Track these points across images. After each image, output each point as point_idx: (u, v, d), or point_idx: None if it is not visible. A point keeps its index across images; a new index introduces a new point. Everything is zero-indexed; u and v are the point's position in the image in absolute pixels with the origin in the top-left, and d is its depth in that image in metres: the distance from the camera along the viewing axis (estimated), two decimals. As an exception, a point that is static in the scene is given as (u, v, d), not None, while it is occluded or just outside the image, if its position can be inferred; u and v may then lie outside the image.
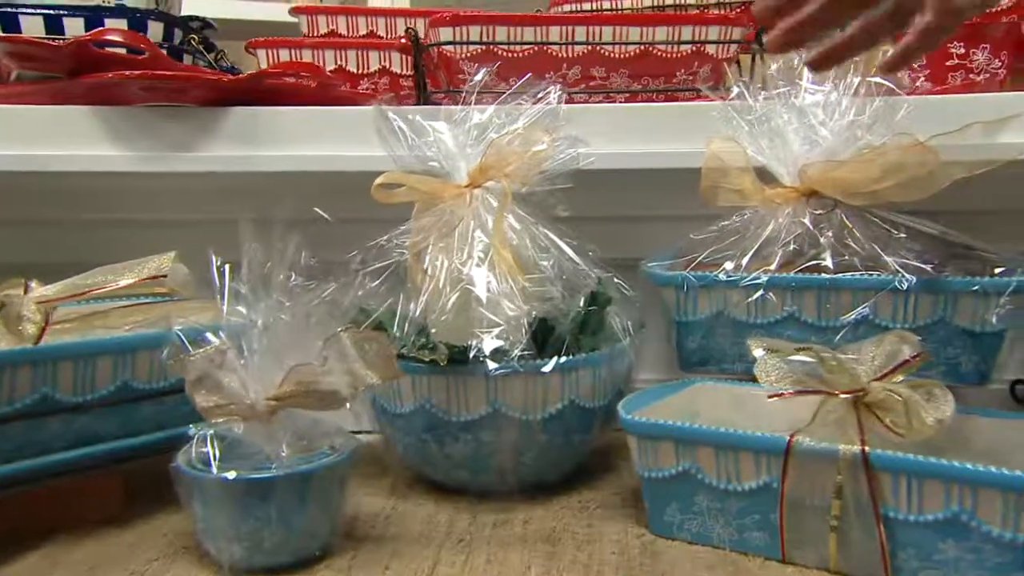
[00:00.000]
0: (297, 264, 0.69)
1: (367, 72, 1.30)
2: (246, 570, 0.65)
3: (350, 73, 1.30)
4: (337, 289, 0.73)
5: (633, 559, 0.67)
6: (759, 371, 0.67)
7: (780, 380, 0.67)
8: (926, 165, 0.78)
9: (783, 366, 0.67)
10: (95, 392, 0.71)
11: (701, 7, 1.30)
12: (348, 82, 1.29)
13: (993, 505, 0.58)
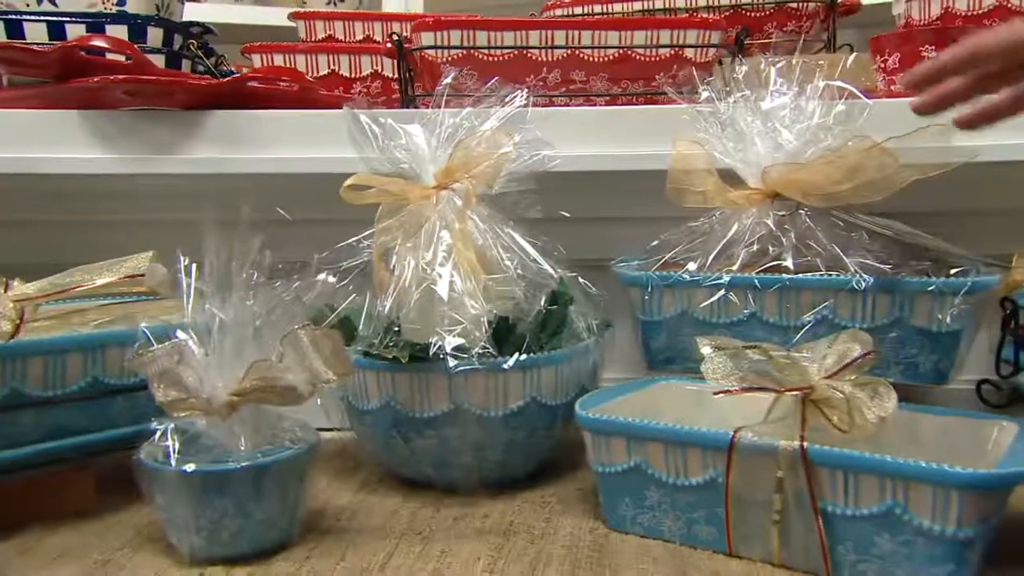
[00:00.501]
0: (260, 263, 0.71)
1: (360, 76, 1.33)
2: (206, 560, 0.67)
3: (343, 77, 1.32)
4: (301, 287, 0.75)
5: (581, 552, 0.68)
6: (706, 369, 0.69)
7: (727, 377, 0.68)
8: (885, 167, 0.79)
9: (730, 364, 0.68)
10: (66, 387, 0.74)
11: (689, 11, 1.32)
12: (341, 86, 1.32)
13: (924, 499, 0.59)
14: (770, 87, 0.87)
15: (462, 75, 1.06)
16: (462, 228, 0.80)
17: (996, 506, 0.59)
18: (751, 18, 1.30)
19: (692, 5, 1.33)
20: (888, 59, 1.01)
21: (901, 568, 0.61)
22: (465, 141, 0.82)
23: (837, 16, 1.33)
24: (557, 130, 0.90)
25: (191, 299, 0.71)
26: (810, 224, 0.84)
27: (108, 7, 1.21)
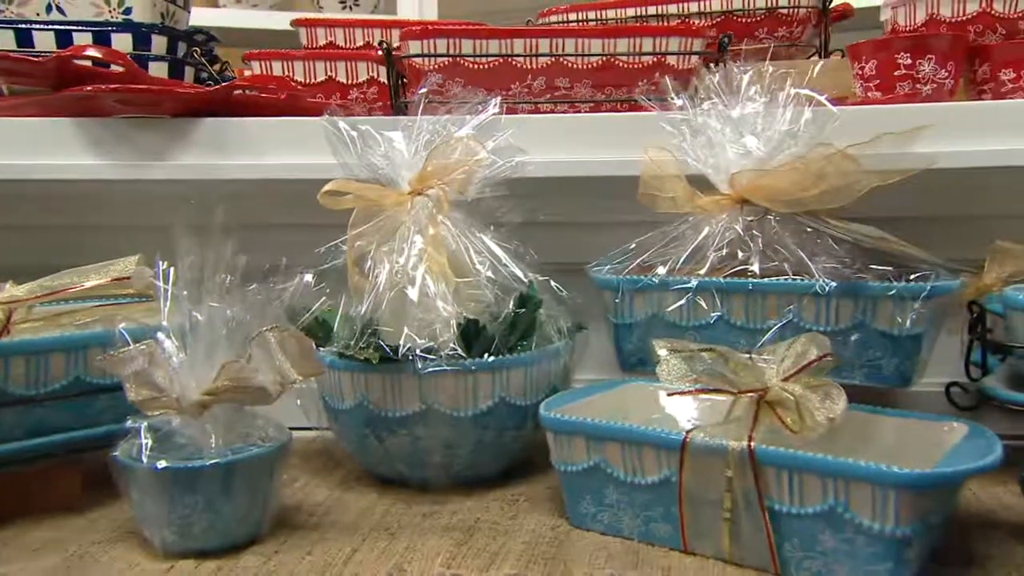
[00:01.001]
0: (234, 267, 0.74)
1: (356, 82, 1.36)
2: (178, 553, 0.70)
3: (340, 83, 1.35)
4: (280, 290, 0.78)
5: (539, 548, 0.70)
6: (661, 371, 0.71)
7: (681, 379, 0.70)
8: (848, 174, 0.81)
9: (684, 366, 0.70)
10: (48, 386, 0.77)
11: (682, 17, 1.34)
12: (338, 92, 1.34)
13: (863, 498, 0.61)
14: (741, 95, 0.88)
15: (449, 82, 1.08)
16: (435, 233, 0.83)
17: (934, 505, 0.61)
18: (742, 24, 1.31)
19: (684, 12, 1.34)
20: (865, 66, 1.03)
21: (844, 565, 0.63)
22: (439, 148, 0.84)
23: (829, 21, 1.35)
24: (534, 137, 0.92)
25: (167, 302, 0.73)
26: (778, 229, 0.86)
27: (114, 16, 1.24)
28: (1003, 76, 1.01)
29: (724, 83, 0.89)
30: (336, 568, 0.68)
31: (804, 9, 1.31)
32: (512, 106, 1.10)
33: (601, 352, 0.95)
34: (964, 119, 0.92)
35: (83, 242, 0.95)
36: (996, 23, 1.11)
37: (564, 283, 0.91)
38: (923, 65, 0.99)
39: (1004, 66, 1.00)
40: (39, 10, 1.21)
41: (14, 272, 0.88)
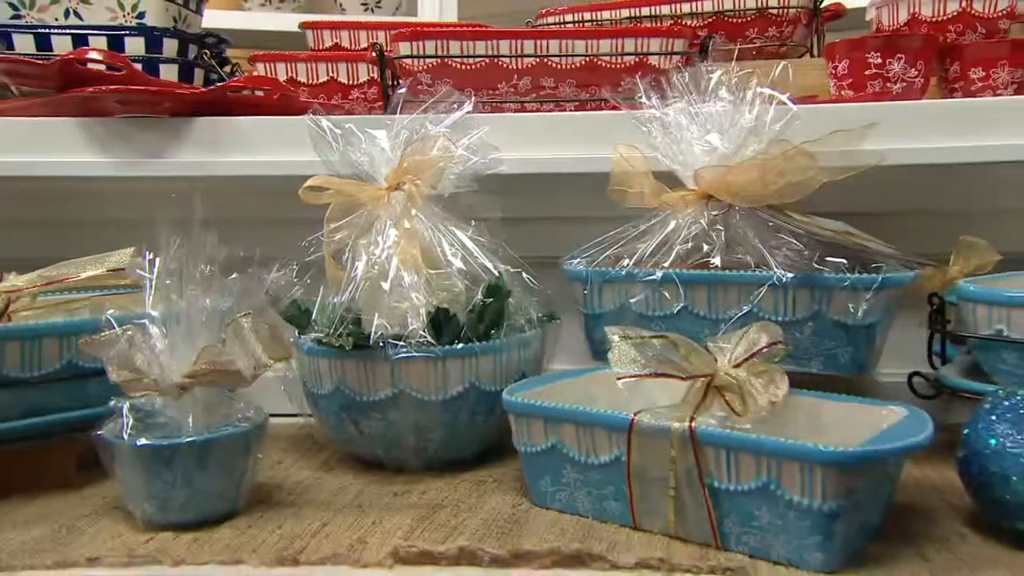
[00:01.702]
0: (215, 258, 0.79)
1: (357, 83, 1.40)
2: (158, 526, 0.75)
3: (341, 84, 1.40)
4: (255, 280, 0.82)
5: (497, 524, 0.74)
6: (612, 356, 0.74)
7: (631, 364, 0.74)
8: (805, 169, 0.84)
9: (634, 351, 0.74)
10: (42, 368, 0.82)
11: (675, 18, 1.37)
12: (340, 92, 1.39)
13: (793, 475, 0.64)
14: (708, 94, 0.92)
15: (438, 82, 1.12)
16: (409, 227, 0.87)
17: (860, 482, 0.64)
18: (734, 24, 1.35)
19: (677, 12, 1.38)
20: (838, 65, 1.06)
21: (778, 539, 0.66)
22: (414, 145, 0.88)
23: (821, 22, 1.37)
24: (510, 135, 0.96)
25: (152, 291, 0.78)
26: (740, 223, 0.89)
27: (128, 20, 1.30)
28: (973, 75, 1.03)
29: (693, 83, 0.92)
30: (303, 540, 0.72)
31: (794, 10, 1.33)
32: (499, 105, 1.15)
33: (576, 342, 0.98)
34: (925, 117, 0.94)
35: (84, 236, 0.99)
36: (976, 22, 1.14)
37: (541, 276, 0.94)
38: (893, 64, 1.02)
39: (974, 65, 1.03)
40: (57, 15, 1.27)
41: (19, 264, 0.93)
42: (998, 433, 0.68)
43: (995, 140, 0.94)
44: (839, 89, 1.07)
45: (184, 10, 1.35)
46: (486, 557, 0.68)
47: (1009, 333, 0.79)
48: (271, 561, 0.69)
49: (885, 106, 0.96)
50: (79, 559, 0.69)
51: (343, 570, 0.68)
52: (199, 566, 0.69)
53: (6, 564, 0.69)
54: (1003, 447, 0.67)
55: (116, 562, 0.69)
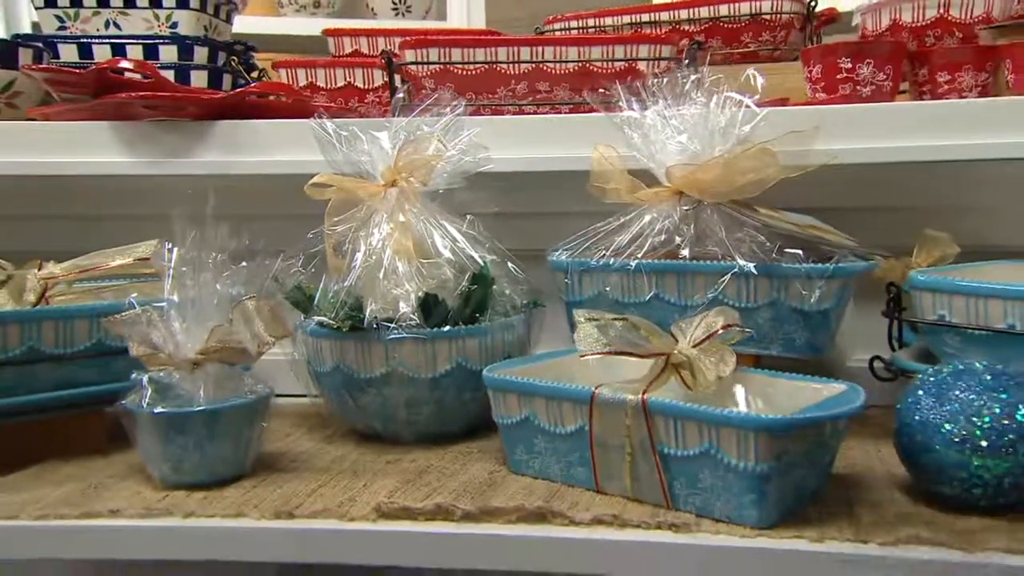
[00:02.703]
0: (226, 248, 0.88)
1: (372, 87, 1.49)
2: (172, 485, 0.84)
3: (358, 88, 1.48)
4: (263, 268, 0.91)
5: (473, 486, 0.82)
6: (577, 336, 0.82)
7: (594, 343, 0.81)
8: (767, 167, 0.91)
9: (597, 332, 0.82)
10: (74, 346, 0.91)
11: (673, 23, 1.45)
12: (356, 96, 1.48)
13: (731, 441, 0.72)
14: (682, 98, 0.99)
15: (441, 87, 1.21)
16: (403, 220, 0.95)
17: (789, 446, 0.71)
18: (729, 29, 1.42)
19: (675, 18, 1.45)
20: (813, 69, 1.12)
21: (720, 498, 0.74)
22: (408, 145, 0.97)
23: (815, 26, 1.44)
24: (499, 136, 1.04)
25: (170, 277, 0.87)
26: (709, 217, 0.96)
27: (163, 30, 1.40)
28: (940, 78, 1.09)
29: (668, 88, 1.00)
30: (300, 498, 0.81)
31: (787, 15, 1.40)
32: (498, 108, 1.23)
33: (561, 327, 1.06)
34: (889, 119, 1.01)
35: (115, 228, 1.09)
36: (953, 27, 1.20)
37: (530, 266, 1.03)
38: (862, 69, 1.08)
39: (940, 69, 1.09)
40: (98, 26, 1.38)
41: (57, 254, 1.04)
42: (923, 406, 0.75)
43: (959, 140, 1.00)
44: (814, 92, 1.13)
45: (214, 20, 1.45)
46: (458, 512, 0.76)
47: (951, 318, 0.85)
48: (270, 515, 0.78)
49: (848, 108, 1.02)
50: (103, 511, 0.79)
51: (332, 523, 0.77)
52: (207, 518, 0.78)
53: (41, 514, 0.79)
54: (927, 418, 0.74)
55: (135, 514, 0.78)
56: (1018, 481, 0.71)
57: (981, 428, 0.70)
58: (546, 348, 1.05)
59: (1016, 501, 0.72)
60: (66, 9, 1.38)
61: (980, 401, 0.71)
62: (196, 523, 0.77)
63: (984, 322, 0.82)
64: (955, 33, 1.21)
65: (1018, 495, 0.72)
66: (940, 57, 1.09)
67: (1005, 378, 0.73)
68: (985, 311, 0.82)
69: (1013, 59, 1.03)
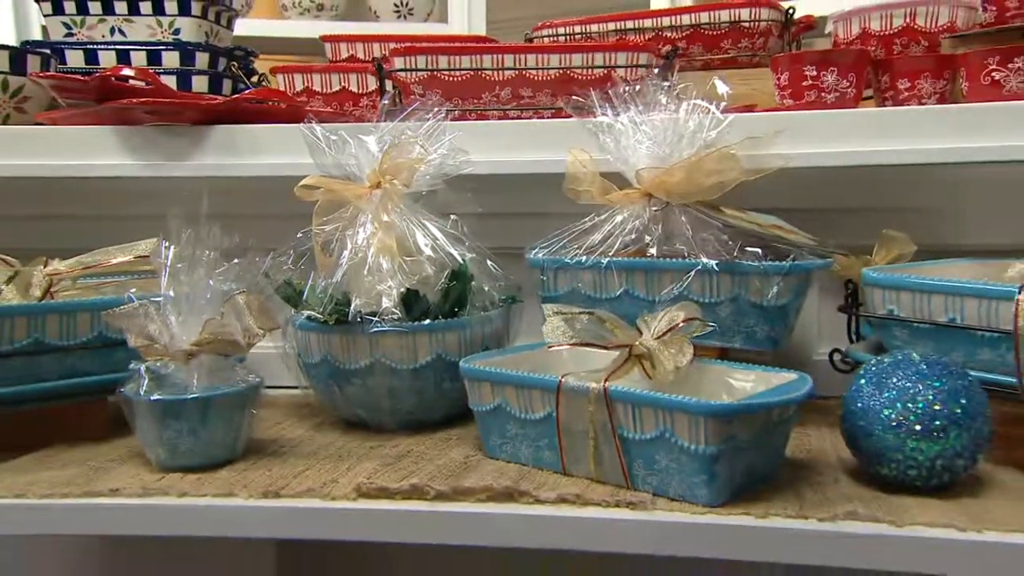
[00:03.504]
0: (219, 245, 0.93)
1: (366, 91, 1.55)
2: (168, 468, 0.90)
3: (352, 92, 1.55)
4: (254, 264, 0.97)
5: (449, 469, 0.88)
6: (545, 329, 0.88)
7: (561, 336, 0.87)
8: (729, 170, 0.97)
9: (564, 325, 0.87)
10: (77, 338, 0.97)
11: (656, 31, 1.50)
12: (351, 100, 1.54)
13: (683, 425, 0.77)
14: (652, 104, 1.04)
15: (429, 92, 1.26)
16: (387, 220, 1.01)
17: (736, 430, 0.77)
18: (709, 36, 1.48)
19: (658, 25, 1.51)
20: (780, 76, 1.18)
21: (674, 478, 0.79)
22: (392, 149, 1.03)
23: (792, 33, 1.49)
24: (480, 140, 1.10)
25: (167, 274, 0.93)
26: (677, 218, 1.02)
27: (166, 36, 1.47)
28: (900, 85, 1.15)
29: (640, 95, 1.05)
30: (287, 479, 0.87)
31: (765, 23, 1.46)
32: (483, 112, 1.28)
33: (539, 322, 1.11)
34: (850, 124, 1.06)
35: (117, 228, 1.15)
36: (919, 36, 1.26)
37: (511, 264, 1.09)
38: (827, 76, 1.14)
39: (901, 77, 1.15)
40: (104, 32, 1.44)
41: (62, 251, 1.09)
42: (865, 394, 0.80)
43: (916, 145, 1.05)
44: (782, 98, 1.19)
45: (216, 26, 1.52)
46: (432, 492, 0.82)
47: (898, 312, 0.91)
48: (258, 495, 0.84)
49: (808, 114, 1.08)
50: (103, 490, 0.85)
51: (316, 501, 0.82)
52: (199, 498, 0.84)
53: (46, 493, 0.84)
54: (868, 405, 0.79)
55: (132, 494, 0.84)
56: (949, 463, 0.76)
57: (915, 413, 0.76)
58: (525, 341, 1.11)
59: (948, 482, 0.78)
60: (73, 16, 1.45)
61: (915, 389, 0.77)
62: (189, 502, 0.83)
63: (928, 316, 0.87)
64: (921, 42, 1.27)
65: (950, 476, 0.77)
66: (901, 65, 1.15)
67: (939, 368, 0.78)
68: (929, 306, 0.87)
69: (967, 68, 1.08)
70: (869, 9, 1.28)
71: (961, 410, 0.76)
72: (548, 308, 0.89)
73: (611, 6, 1.68)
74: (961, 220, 1.10)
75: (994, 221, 1.09)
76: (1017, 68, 1.04)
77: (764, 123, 1.04)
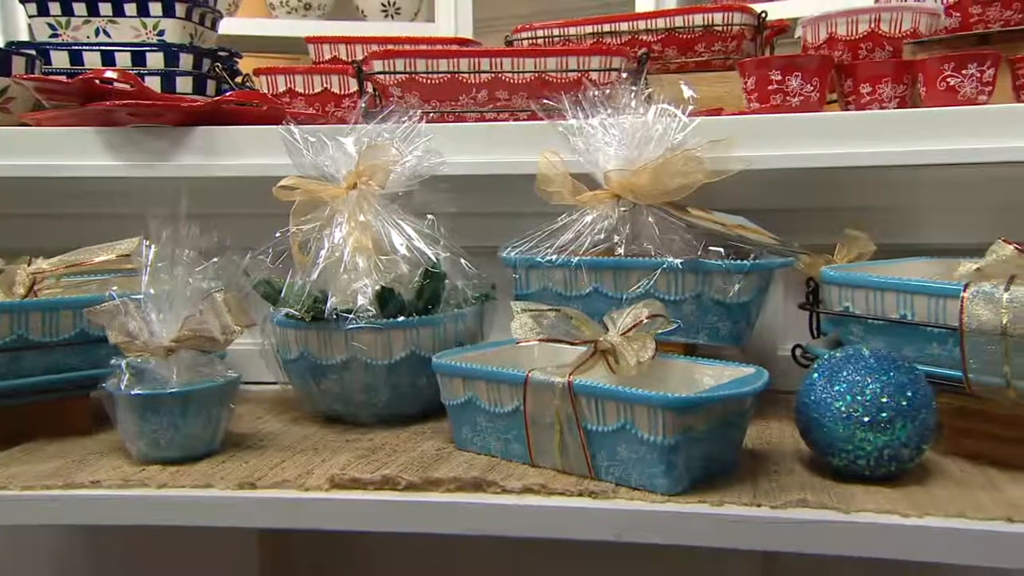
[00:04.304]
0: (198, 245, 0.96)
1: (348, 93, 1.57)
2: (148, 461, 0.92)
3: (334, 94, 1.57)
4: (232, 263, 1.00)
5: (421, 461, 0.91)
6: (514, 325, 0.91)
7: (529, 332, 0.90)
8: (694, 172, 1.00)
9: (532, 321, 0.90)
10: (60, 335, 1.00)
11: (632, 34, 1.54)
12: (333, 101, 1.56)
13: (643, 417, 0.81)
14: (621, 107, 1.08)
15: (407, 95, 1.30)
16: (363, 220, 1.04)
17: (694, 421, 0.80)
18: (684, 39, 1.51)
19: (634, 29, 1.54)
20: (748, 80, 1.21)
21: (635, 469, 0.83)
22: (368, 150, 1.06)
23: (765, 36, 1.52)
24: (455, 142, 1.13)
25: (147, 272, 0.96)
26: (644, 218, 1.05)
27: (150, 37, 1.49)
28: (862, 90, 1.18)
29: (610, 99, 1.08)
30: (263, 471, 0.90)
31: (737, 26, 1.49)
32: (461, 115, 1.31)
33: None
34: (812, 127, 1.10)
35: (100, 227, 1.17)
36: (884, 41, 1.30)
37: (488, 263, 1.12)
38: (791, 81, 1.17)
39: (863, 82, 1.18)
40: (89, 33, 1.46)
41: (45, 250, 1.12)
42: (817, 387, 0.83)
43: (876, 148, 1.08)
44: (749, 101, 1.22)
45: (200, 28, 1.54)
46: (403, 483, 0.85)
47: (853, 309, 0.94)
48: (234, 486, 0.86)
49: (770, 117, 1.11)
50: (84, 481, 0.87)
51: (290, 492, 0.85)
52: (177, 488, 0.86)
53: (28, 485, 0.87)
54: (820, 398, 0.83)
55: (112, 484, 0.87)
56: (896, 453, 0.80)
57: (863, 405, 0.79)
58: (500, 338, 1.14)
59: (896, 471, 0.81)
60: (58, 18, 1.47)
61: (864, 382, 0.80)
62: (167, 492, 0.86)
63: (881, 313, 0.91)
64: (885, 47, 1.30)
65: (897, 465, 0.81)
66: (862, 70, 1.18)
67: (887, 362, 0.81)
68: (882, 303, 0.91)
69: (925, 74, 1.12)
70: (836, 15, 1.31)
71: (907, 402, 0.79)
72: (516, 305, 0.92)
73: (595, 4, 1.71)
74: (920, 220, 1.14)
75: (950, 221, 1.12)
76: (970, 74, 1.08)
77: (729, 126, 1.07)
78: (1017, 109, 1.03)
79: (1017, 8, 1.29)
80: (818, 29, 1.35)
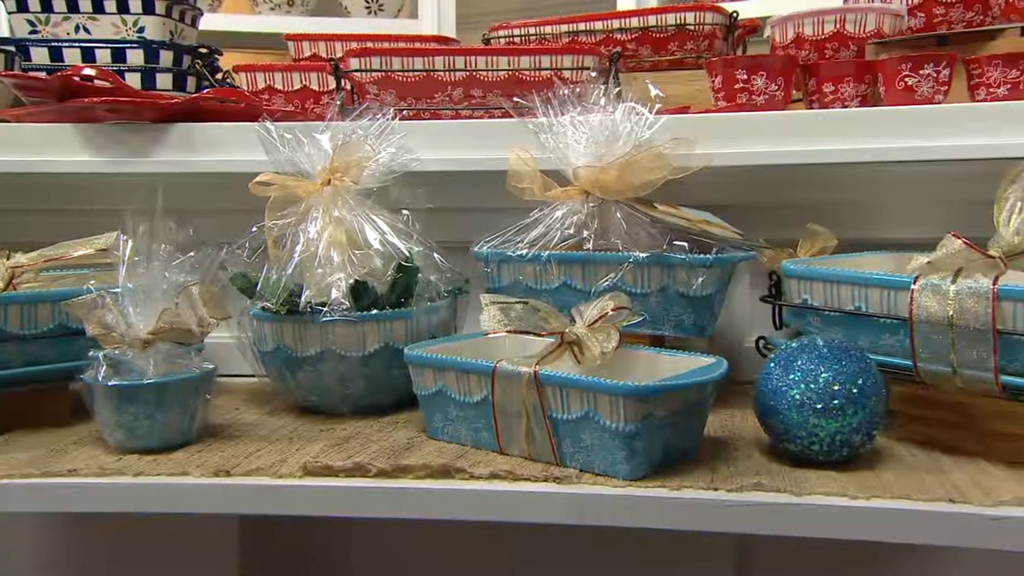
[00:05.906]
0: (175, 239, 0.98)
1: (327, 90, 1.59)
2: (126, 451, 0.95)
3: (313, 91, 1.59)
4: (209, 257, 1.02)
5: (392, 449, 0.93)
6: (482, 317, 0.94)
7: (497, 324, 0.93)
8: (660, 169, 1.03)
9: (500, 314, 0.93)
10: (38, 328, 1.02)
11: (606, 32, 1.56)
12: (312, 98, 1.58)
13: (605, 405, 0.83)
14: (590, 105, 1.10)
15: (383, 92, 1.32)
16: (337, 215, 1.07)
17: (653, 409, 0.83)
18: (657, 38, 1.53)
19: (608, 27, 1.57)
20: (715, 80, 1.24)
21: (598, 455, 0.85)
22: (342, 147, 1.08)
23: (737, 36, 1.55)
24: (427, 139, 1.16)
25: (124, 266, 0.98)
26: (612, 214, 1.08)
27: (130, 34, 1.50)
28: (825, 89, 1.21)
29: (579, 97, 1.11)
30: (239, 459, 0.92)
31: (709, 26, 1.51)
32: (436, 112, 1.34)
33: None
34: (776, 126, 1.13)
35: (78, 222, 1.19)
36: (849, 41, 1.33)
37: (461, 257, 1.15)
38: (756, 80, 1.20)
39: (826, 81, 1.21)
40: (68, 30, 1.48)
41: (25, 245, 1.14)
42: (774, 376, 0.86)
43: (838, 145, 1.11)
44: (716, 100, 1.25)
45: (180, 24, 1.56)
46: (373, 470, 0.87)
47: (812, 301, 0.97)
48: (210, 473, 0.89)
49: (733, 116, 1.14)
50: (62, 470, 0.90)
51: (264, 479, 0.88)
52: (153, 476, 0.89)
53: (7, 474, 0.89)
54: (776, 386, 0.86)
55: (90, 473, 0.89)
56: (847, 438, 0.83)
57: (816, 393, 0.82)
58: (474, 330, 1.16)
59: (848, 456, 0.84)
60: (37, 14, 1.48)
61: (817, 371, 0.83)
62: (143, 480, 0.88)
63: (837, 304, 0.94)
64: (851, 47, 1.34)
65: (849, 450, 0.84)
66: (825, 70, 1.22)
67: (839, 351, 0.85)
68: (838, 295, 0.94)
69: (884, 73, 1.15)
70: (803, 15, 1.34)
71: (858, 390, 0.82)
72: (485, 298, 0.95)
73: (579, 0, 1.73)
74: (880, 216, 1.17)
75: (909, 216, 1.16)
76: (927, 74, 1.11)
77: (694, 125, 1.10)
78: (971, 108, 1.07)
79: (978, 10, 1.32)
80: (786, 29, 1.38)
